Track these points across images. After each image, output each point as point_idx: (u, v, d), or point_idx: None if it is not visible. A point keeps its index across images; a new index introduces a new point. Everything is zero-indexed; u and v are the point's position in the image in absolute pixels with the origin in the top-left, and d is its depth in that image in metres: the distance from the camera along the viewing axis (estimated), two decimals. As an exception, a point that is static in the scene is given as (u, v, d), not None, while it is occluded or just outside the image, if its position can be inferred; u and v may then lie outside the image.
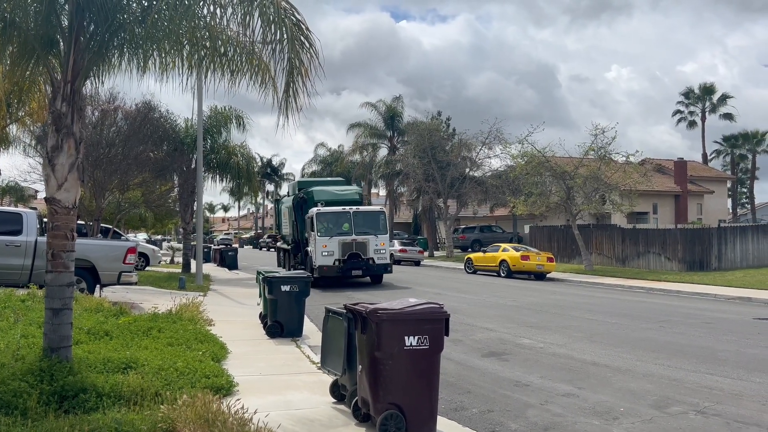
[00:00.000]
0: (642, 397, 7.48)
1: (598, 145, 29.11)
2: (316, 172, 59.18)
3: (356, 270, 21.24)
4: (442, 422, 6.04)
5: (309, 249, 22.06)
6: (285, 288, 10.89)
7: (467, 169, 40.15)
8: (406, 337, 5.55)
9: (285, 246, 28.14)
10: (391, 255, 25.51)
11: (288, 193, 28.72)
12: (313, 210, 21.80)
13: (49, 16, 6.75)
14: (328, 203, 22.31)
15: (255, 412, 5.56)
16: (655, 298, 19.27)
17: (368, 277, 22.30)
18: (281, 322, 10.81)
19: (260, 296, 12.23)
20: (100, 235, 22.54)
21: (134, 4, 6.99)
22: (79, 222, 21.91)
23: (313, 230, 21.39)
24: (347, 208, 21.84)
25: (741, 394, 7.69)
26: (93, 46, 6.78)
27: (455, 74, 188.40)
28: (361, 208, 22.64)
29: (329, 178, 36.13)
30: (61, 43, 6.93)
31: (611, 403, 7.21)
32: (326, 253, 20.87)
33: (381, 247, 21.51)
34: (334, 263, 20.91)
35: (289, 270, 22.91)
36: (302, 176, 60.49)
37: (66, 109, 6.69)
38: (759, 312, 15.89)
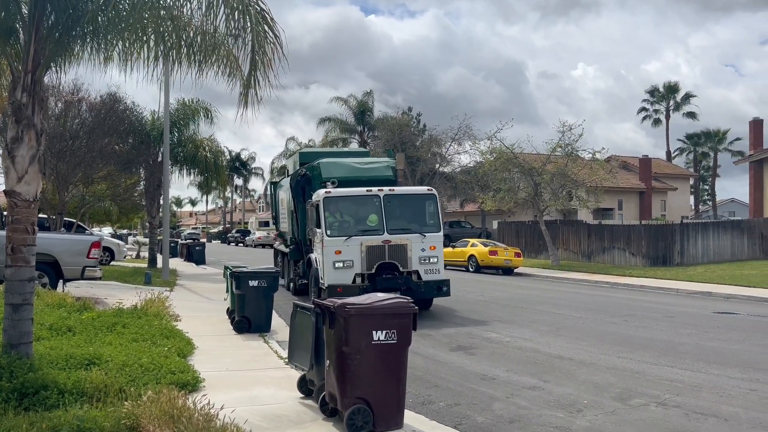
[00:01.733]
0: (605, 390, 7.63)
1: (565, 142, 29.51)
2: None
3: (391, 292, 11.87)
4: (409, 416, 6.06)
5: (313, 256, 14.39)
6: (253, 283, 10.81)
7: (437, 165, 40.32)
8: (373, 332, 5.55)
9: (283, 248, 19.88)
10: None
11: (287, 172, 20.16)
12: (320, 193, 13.71)
13: (8, 4, 6.57)
14: (343, 182, 14.20)
15: (221, 408, 5.51)
16: (620, 293, 19.65)
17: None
18: (249, 318, 10.73)
19: (227, 291, 12.12)
20: (63, 229, 22.07)
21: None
22: (41, 216, 21.54)
23: (319, 226, 13.46)
24: (375, 189, 13.67)
25: (700, 386, 7.88)
26: (54, 35, 6.62)
27: (424, 69, 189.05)
28: (398, 189, 14.13)
29: (344, 149, 26.11)
30: (21, 33, 6.76)
31: (575, 396, 7.33)
32: (341, 264, 13.08)
33: (431, 252, 13.44)
34: (354, 280, 13.08)
35: (289, 282, 18.07)
36: (271, 171, 55.63)
37: (26, 100, 6.53)
38: (719, 306, 16.31)
